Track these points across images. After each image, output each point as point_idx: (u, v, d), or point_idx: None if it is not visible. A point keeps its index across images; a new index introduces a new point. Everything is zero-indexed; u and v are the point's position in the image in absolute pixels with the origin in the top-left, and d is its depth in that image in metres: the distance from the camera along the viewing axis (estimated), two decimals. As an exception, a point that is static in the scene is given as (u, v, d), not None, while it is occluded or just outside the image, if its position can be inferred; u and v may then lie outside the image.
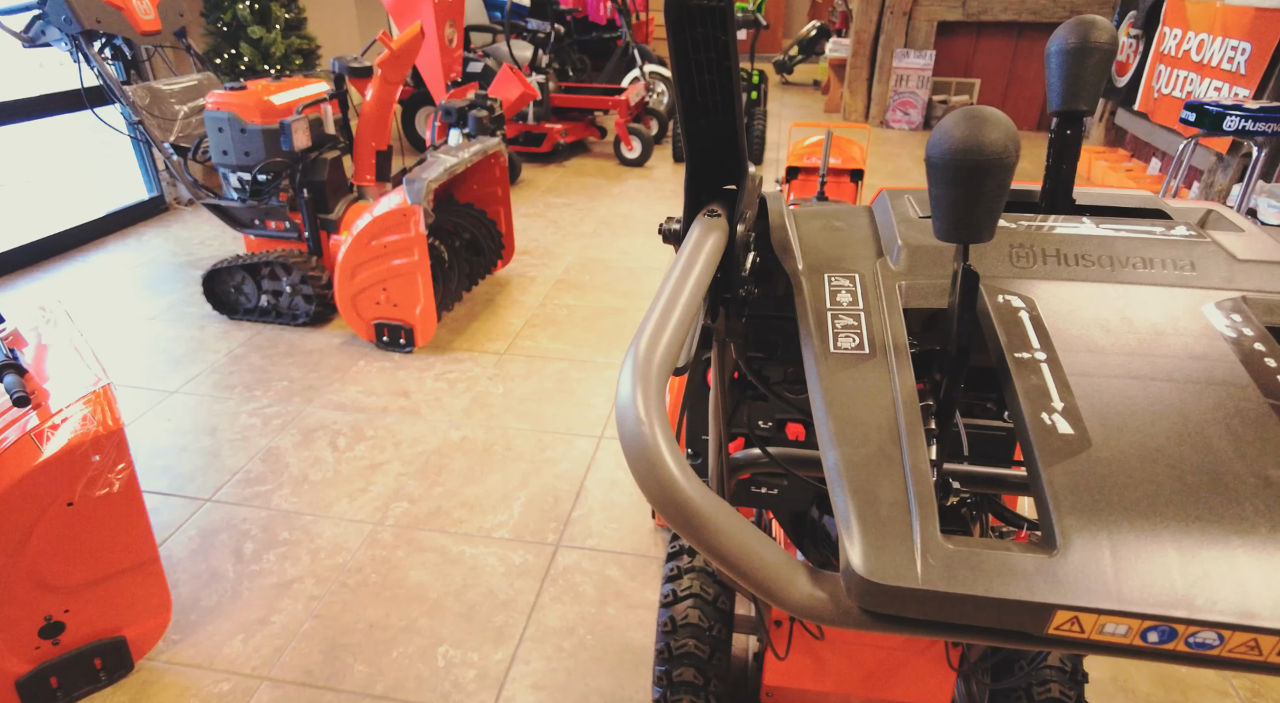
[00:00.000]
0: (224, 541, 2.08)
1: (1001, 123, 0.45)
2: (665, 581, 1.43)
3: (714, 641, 1.36)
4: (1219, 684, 1.68)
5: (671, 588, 1.40)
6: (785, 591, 0.44)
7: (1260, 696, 1.65)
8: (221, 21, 4.40)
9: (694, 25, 0.49)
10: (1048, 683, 1.28)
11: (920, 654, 1.37)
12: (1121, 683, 1.69)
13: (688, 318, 0.49)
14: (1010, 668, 1.31)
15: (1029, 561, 0.42)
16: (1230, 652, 0.40)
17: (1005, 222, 0.66)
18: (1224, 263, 0.62)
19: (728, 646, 1.39)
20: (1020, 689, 1.30)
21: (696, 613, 1.36)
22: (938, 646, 1.37)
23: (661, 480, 0.41)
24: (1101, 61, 0.67)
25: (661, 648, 1.36)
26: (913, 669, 1.36)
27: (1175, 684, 1.68)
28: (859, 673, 1.37)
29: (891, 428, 0.50)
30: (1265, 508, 0.43)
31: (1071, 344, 0.54)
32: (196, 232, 4.36)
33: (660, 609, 1.40)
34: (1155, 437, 0.48)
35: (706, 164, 0.60)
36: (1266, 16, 3.83)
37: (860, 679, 1.38)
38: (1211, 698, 1.64)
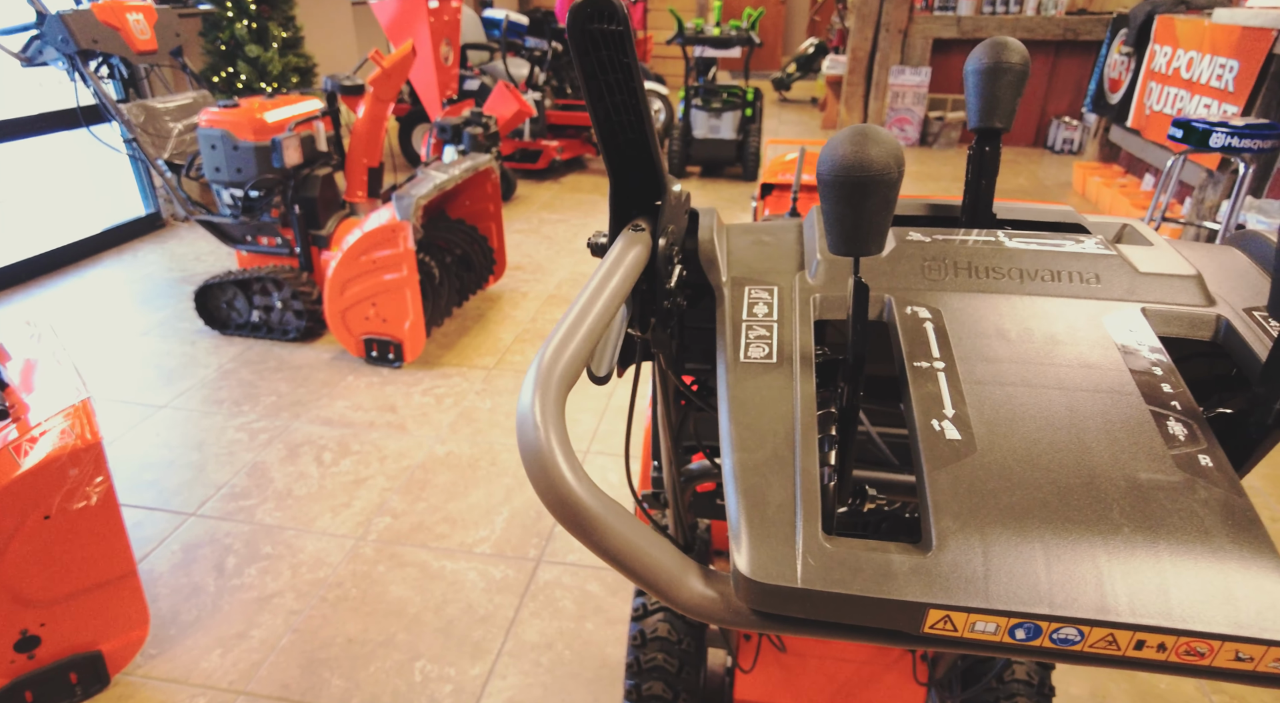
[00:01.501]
0: (206, 555, 2.09)
1: (886, 141, 0.47)
2: (636, 595, 1.43)
3: (683, 654, 1.36)
4: (1197, 699, 1.67)
5: (642, 602, 1.40)
6: (677, 590, 0.45)
7: (1239, 712, 1.64)
8: (220, 40, 4.47)
9: (597, 48, 0.51)
10: (1014, 697, 1.28)
11: (890, 669, 1.36)
12: (1101, 698, 1.68)
13: (598, 329, 0.50)
14: (977, 682, 1.31)
15: (904, 561, 0.43)
16: (1091, 647, 0.41)
17: (920, 236, 0.68)
18: (1127, 276, 0.63)
19: (698, 660, 1.39)
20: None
21: (666, 627, 1.36)
22: (906, 660, 1.36)
23: (553, 483, 0.42)
24: (1014, 81, 0.69)
25: (631, 662, 1.36)
26: (883, 684, 1.36)
27: (1155, 699, 1.67)
28: (830, 687, 1.37)
29: (788, 433, 0.51)
30: (1130, 509, 0.45)
31: (970, 354, 0.56)
32: (192, 248, 4.40)
33: (631, 623, 1.40)
34: (1038, 443, 0.49)
35: (629, 181, 0.62)
36: (1252, 35, 3.86)
37: (831, 694, 1.37)
38: (1190, 715, 1.64)
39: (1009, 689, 1.29)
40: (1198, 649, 0.40)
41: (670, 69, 9.86)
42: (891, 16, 6.87)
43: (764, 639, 1.35)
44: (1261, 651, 0.40)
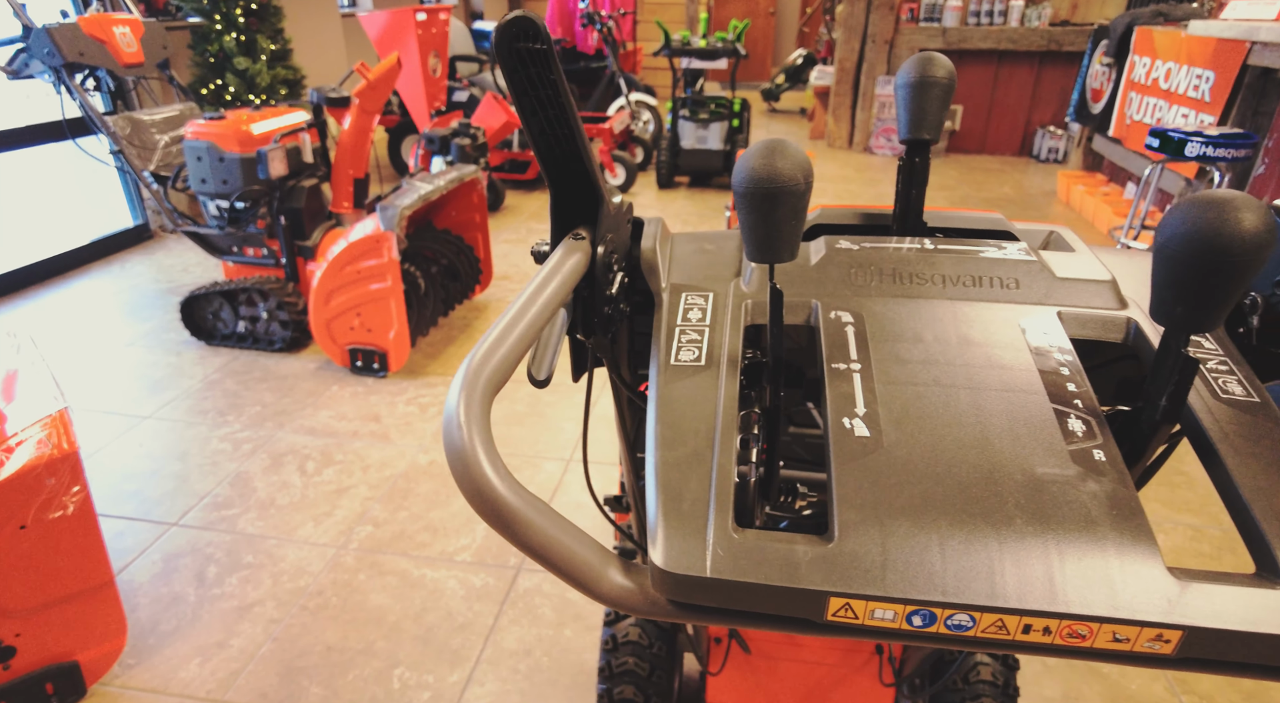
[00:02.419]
0: (187, 564, 2.09)
1: (794, 154, 0.49)
2: None
3: (654, 658, 1.37)
4: (1167, 700, 1.68)
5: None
6: (597, 582, 0.47)
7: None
8: (208, 53, 4.49)
9: (525, 66, 0.53)
10: (980, 697, 1.29)
11: (859, 671, 1.38)
12: (1073, 699, 1.70)
13: (529, 334, 0.52)
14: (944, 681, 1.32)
15: (808, 552, 0.45)
16: (983, 632, 0.43)
17: (849, 244, 0.70)
18: (1045, 280, 0.65)
19: (669, 664, 1.40)
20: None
21: (637, 631, 1.38)
22: (875, 662, 1.38)
23: (474, 480, 0.44)
24: (940, 94, 0.72)
25: (603, 666, 1.37)
26: (853, 685, 1.38)
27: (1125, 699, 1.69)
28: (800, 689, 1.39)
29: (709, 432, 0.54)
30: (1024, 502, 0.47)
31: (886, 356, 0.58)
32: (180, 259, 4.41)
33: (604, 628, 1.41)
34: (943, 439, 0.51)
35: (568, 192, 0.64)
36: (1227, 46, 3.93)
37: (801, 696, 1.39)
38: (1160, 716, 1.66)
39: (975, 690, 1.31)
40: (1079, 632, 0.43)
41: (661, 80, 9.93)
42: (878, 28, 6.95)
43: (732, 643, 1.36)
44: (1136, 632, 0.42)
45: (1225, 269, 0.42)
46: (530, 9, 10.36)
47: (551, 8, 8.29)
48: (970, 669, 1.32)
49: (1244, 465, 0.49)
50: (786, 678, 1.39)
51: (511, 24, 0.51)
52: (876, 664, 1.36)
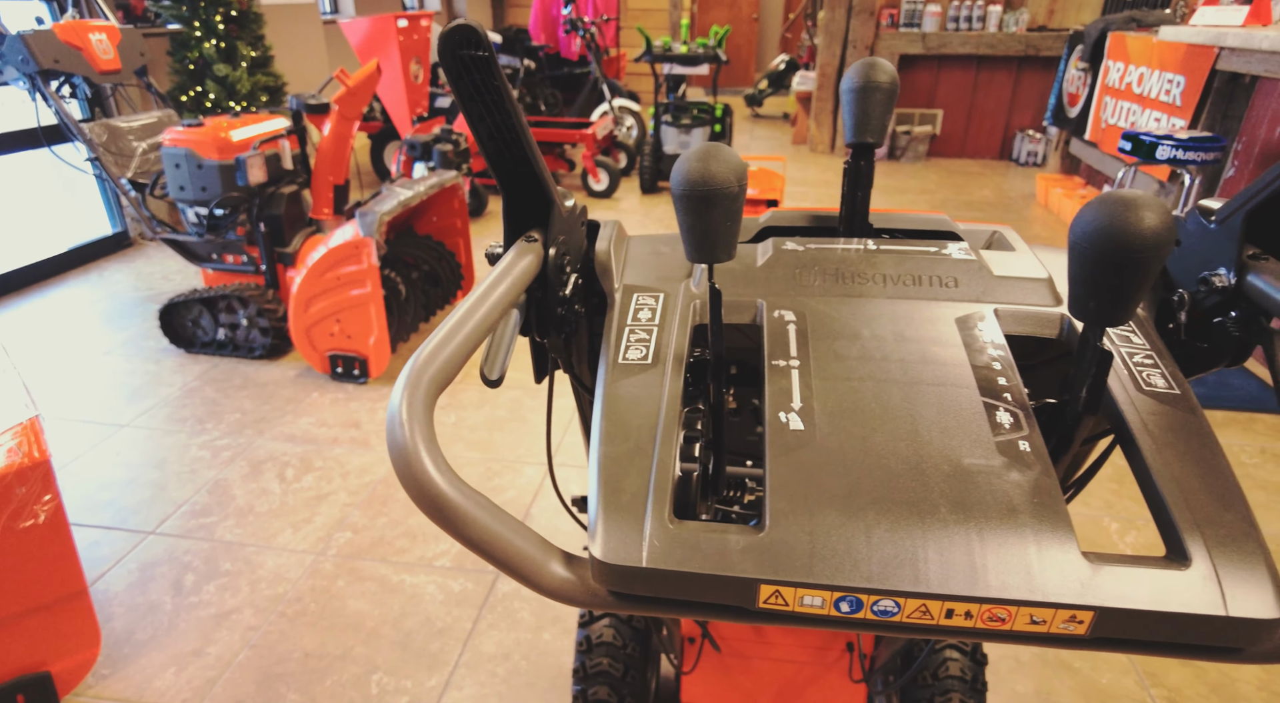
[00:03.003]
0: (164, 573, 2.08)
1: (728, 159, 0.51)
2: None
3: (628, 659, 1.38)
4: (1137, 694, 1.71)
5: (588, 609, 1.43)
6: (539, 575, 0.48)
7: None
8: (188, 60, 4.48)
9: (469, 73, 0.55)
10: (949, 692, 1.31)
11: (830, 668, 1.39)
12: (1045, 696, 1.72)
13: (476, 335, 0.53)
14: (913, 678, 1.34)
15: (740, 541, 0.47)
16: (908, 617, 0.45)
17: (796, 245, 0.72)
18: (983, 279, 0.67)
19: (643, 664, 1.41)
20: (925, 700, 1.33)
21: (611, 632, 1.38)
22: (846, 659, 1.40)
23: (415, 476, 0.45)
24: (884, 99, 0.74)
25: (577, 667, 1.38)
26: (825, 682, 1.39)
27: (1095, 696, 1.71)
28: (772, 687, 1.40)
29: (652, 428, 0.55)
30: (949, 492, 0.48)
31: (824, 352, 0.60)
32: (160, 267, 4.39)
33: (578, 629, 1.42)
34: (875, 432, 0.53)
35: (520, 195, 0.66)
36: (1196, 51, 4.00)
37: (774, 694, 1.40)
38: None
39: (944, 685, 1.33)
40: (999, 615, 0.44)
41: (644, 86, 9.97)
42: (858, 34, 7.02)
43: (704, 642, 1.37)
44: (1052, 614, 0.44)
45: (1129, 264, 0.44)
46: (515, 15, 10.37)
47: (535, 14, 8.31)
48: (940, 665, 1.34)
49: (1159, 454, 0.51)
50: (759, 676, 1.40)
51: (454, 32, 0.53)
52: (848, 662, 1.38)
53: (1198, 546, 0.46)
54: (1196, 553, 0.45)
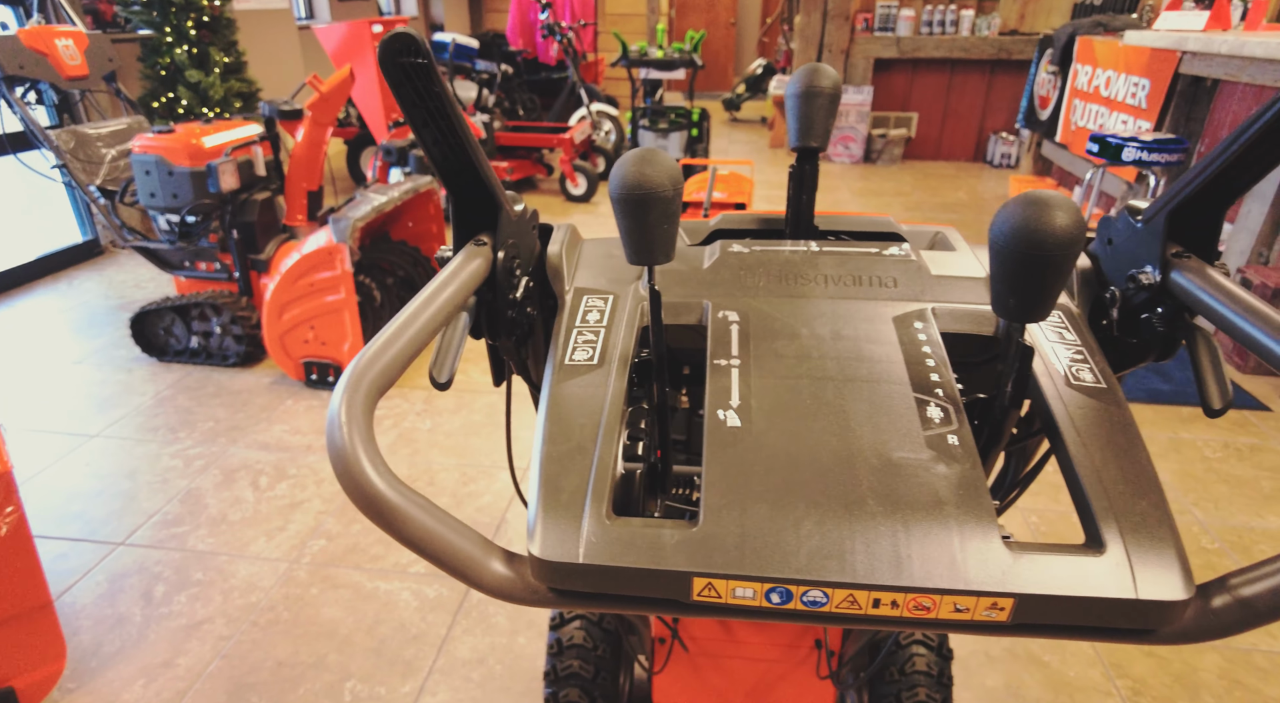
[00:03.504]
0: (133, 584, 2.06)
1: (663, 163, 0.52)
2: None
3: (599, 661, 1.38)
4: (1103, 686, 1.74)
5: (559, 611, 1.43)
6: (479, 573, 0.49)
7: (1140, 694, 1.71)
8: (159, 66, 4.44)
9: (410, 80, 0.56)
10: (916, 687, 1.33)
11: (799, 666, 1.41)
12: (1014, 689, 1.75)
13: (419, 338, 0.54)
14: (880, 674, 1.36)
15: (674, 535, 0.48)
16: (837, 608, 0.46)
17: (742, 248, 0.73)
18: (921, 279, 0.69)
19: (615, 666, 1.42)
20: (892, 695, 1.35)
21: (582, 634, 1.39)
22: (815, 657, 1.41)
23: (354, 478, 0.45)
24: (826, 103, 0.75)
25: (548, 670, 1.39)
26: (794, 680, 1.40)
27: (1063, 689, 1.74)
28: (743, 686, 1.41)
29: (595, 427, 0.56)
30: (878, 485, 0.50)
31: (764, 351, 0.61)
32: (131, 274, 4.33)
33: (549, 632, 1.42)
34: (809, 428, 0.54)
35: (467, 200, 0.66)
36: (1160, 55, 4.08)
37: (745, 692, 1.41)
38: (1096, 698, 1.71)
39: (911, 681, 1.35)
40: (924, 604, 0.45)
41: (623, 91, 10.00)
42: (833, 38, 7.09)
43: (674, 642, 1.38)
44: (974, 601, 0.45)
45: (1042, 263, 0.45)
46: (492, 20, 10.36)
47: (512, 19, 8.32)
48: (906, 660, 1.36)
49: (1081, 446, 0.52)
50: (730, 675, 1.41)
51: (393, 40, 0.53)
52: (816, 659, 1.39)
53: (1113, 533, 0.47)
54: (1111, 540, 0.47)
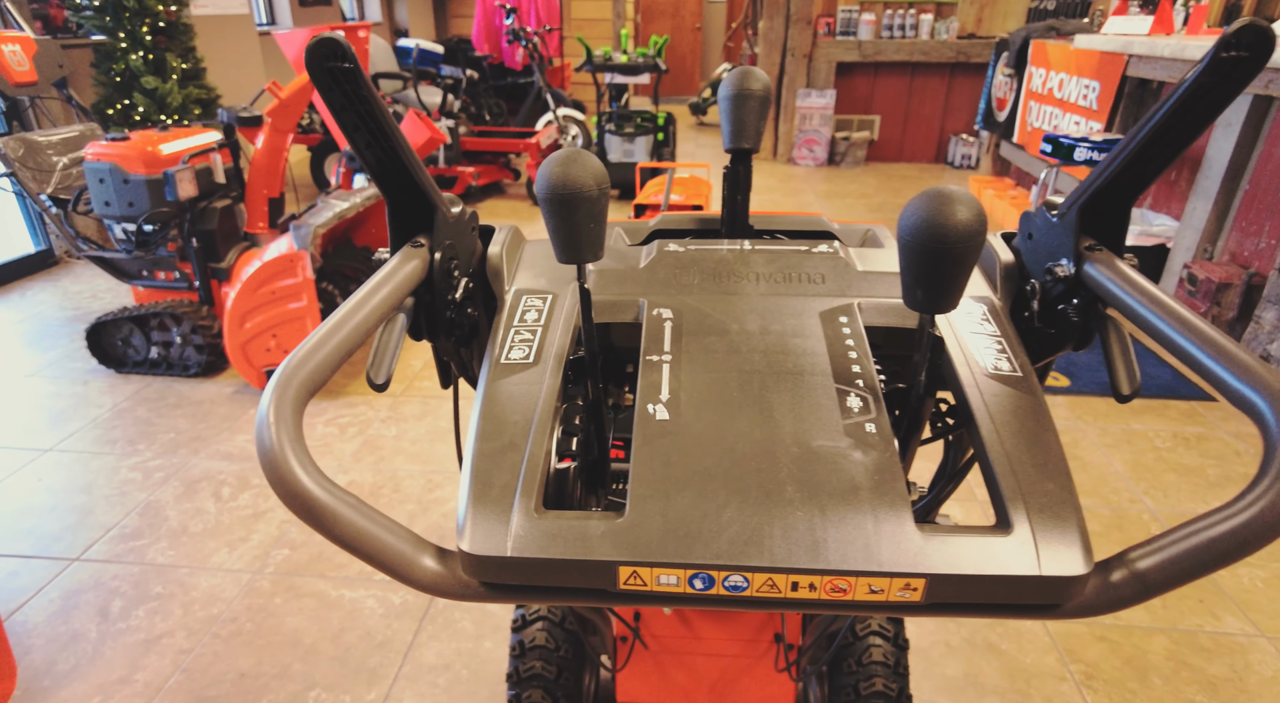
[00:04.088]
0: (89, 600, 2.01)
1: (588, 164, 0.54)
2: (515, 607, 1.46)
3: (561, 661, 1.39)
4: (1058, 670, 1.79)
5: (521, 613, 1.44)
6: (410, 569, 0.50)
7: (1092, 678, 1.76)
8: (114, 72, 4.35)
9: (338, 84, 0.56)
10: (873, 677, 1.36)
11: (760, 660, 1.43)
12: (973, 677, 1.79)
13: (351, 339, 0.55)
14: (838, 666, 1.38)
15: (600, 526, 0.49)
16: (757, 591, 0.48)
17: (678, 247, 0.75)
18: (848, 275, 0.72)
19: (578, 666, 1.43)
20: (850, 686, 1.37)
21: (544, 635, 1.40)
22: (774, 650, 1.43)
23: (282, 478, 0.46)
24: (758, 106, 0.78)
25: (511, 672, 1.39)
26: (755, 674, 1.42)
27: (1020, 675, 1.78)
28: (706, 681, 1.43)
29: (527, 424, 0.57)
30: (797, 472, 0.52)
31: (695, 347, 0.63)
32: (88, 285, 4.24)
33: (511, 634, 1.43)
34: (734, 420, 0.56)
35: (403, 202, 0.67)
36: (1109, 58, 4.20)
37: (708, 687, 1.43)
38: (1051, 683, 1.75)
39: (868, 671, 1.38)
40: (840, 586, 0.47)
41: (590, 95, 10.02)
42: (796, 42, 7.18)
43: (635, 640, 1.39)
44: (888, 582, 0.47)
45: (944, 256, 0.47)
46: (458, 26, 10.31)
47: (478, 24, 8.30)
48: (863, 652, 1.38)
49: (994, 432, 0.55)
50: (692, 671, 1.43)
51: (319, 45, 0.54)
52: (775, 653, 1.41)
53: (1020, 514, 0.50)
54: (1018, 520, 0.49)
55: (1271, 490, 0.43)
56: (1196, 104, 0.54)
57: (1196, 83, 0.53)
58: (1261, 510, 0.43)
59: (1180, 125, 0.56)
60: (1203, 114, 0.55)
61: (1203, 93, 0.54)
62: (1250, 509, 0.43)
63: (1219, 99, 0.54)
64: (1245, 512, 0.43)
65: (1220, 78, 0.52)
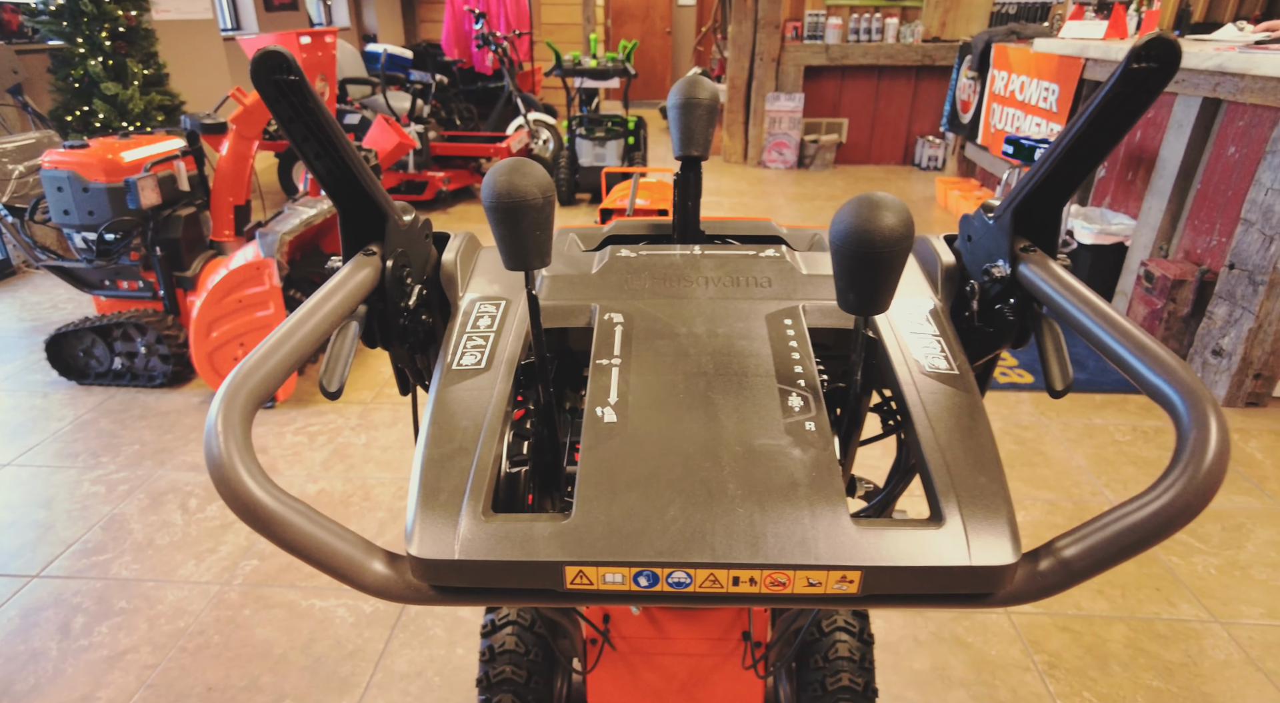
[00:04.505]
0: (49, 618, 1.98)
1: (532, 173, 0.55)
2: (486, 611, 1.46)
3: (531, 665, 1.40)
4: (1022, 661, 1.83)
5: (491, 619, 1.44)
6: (360, 574, 0.50)
7: (1055, 667, 1.80)
8: (72, 78, 4.27)
9: (285, 96, 0.57)
10: (840, 673, 1.38)
11: (729, 658, 1.44)
12: (941, 671, 1.82)
13: (301, 347, 0.55)
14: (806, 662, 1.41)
15: (546, 528, 0.50)
16: (700, 587, 0.49)
17: (629, 252, 0.77)
18: (793, 278, 0.74)
19: (548, 670, 1.43)
20: (817, 681, 1.39)
21: (514, 640, 1.40)
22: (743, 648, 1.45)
23: (230, 485, 0.46)
24: (705, 114, 0.80)
25: (481, 677, 1.39)
26: (725, 672, 1.44)
27: (985, 667, 1.82)
28: (676, 681, 1.44)
29: (476, 429, 0.58)
30: (739, 470, 0.53)
31: (644, 350, 0.64)
32: (48, 296, 4.16)
33: (481, 640, 1.43)
34: (680, 421, 0.57)
35: (355, 211, 0.68)
36: (1067, 62, 4.31)
37: (678, 688, 1.44)
38: (1015, 674, 1.79)
39: (834, 667, 1.40)
40: (780, 580, 0.49)
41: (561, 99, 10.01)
42: (764, 46, 7.24)
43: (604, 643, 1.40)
44: (825, 575, 0.49)
45: (872, 260, 0.49)
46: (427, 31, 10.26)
47: (447, 29, 8.27)
48: (829, 648, 1.41)
49: (929, 428, 0.57)
50: (662, 671, 1.44)
51: (265, 59, 0.55)
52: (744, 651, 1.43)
53: (952, 506, 0.52)
54: (950, 513, 0.51)
55: (1182, 478, 0.45)
56: (1114, 112, 0.57)
57: (1112, 92, 0.55)
58: (1174, 497, 0.45)
59: (1100, 132, 0.59)
60: (1121, 121, 0.58)
61: (1119, 102, 0.56)
62: (1164, 497, 0.46)
63: (1134, 108, 0.57)
64: (1159, 499, 0.46)
65: (1134, 87, 0.55)
